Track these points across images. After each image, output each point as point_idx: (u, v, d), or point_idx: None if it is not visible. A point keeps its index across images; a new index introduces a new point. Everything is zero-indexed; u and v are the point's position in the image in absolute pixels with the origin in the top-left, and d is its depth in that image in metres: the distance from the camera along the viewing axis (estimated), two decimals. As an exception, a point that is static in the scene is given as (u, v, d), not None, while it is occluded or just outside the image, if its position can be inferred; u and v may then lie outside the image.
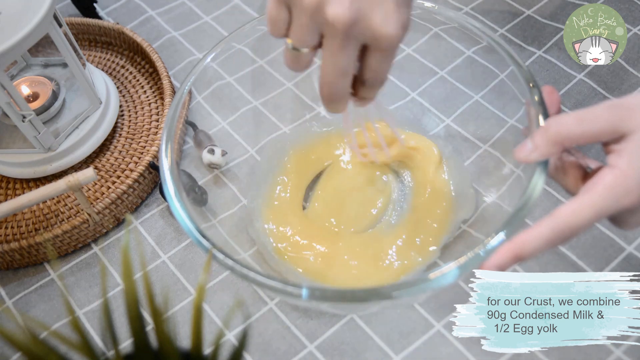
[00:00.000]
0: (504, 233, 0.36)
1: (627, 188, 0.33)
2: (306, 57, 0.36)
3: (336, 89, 0.36)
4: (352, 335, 0.47)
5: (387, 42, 0.33)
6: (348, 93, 0.37)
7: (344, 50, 0.33)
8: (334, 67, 0.34)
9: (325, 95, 0.37)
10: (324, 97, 0.37)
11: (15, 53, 0.48)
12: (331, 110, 0.38)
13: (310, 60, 0.36)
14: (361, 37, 0.33)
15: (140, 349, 0.28)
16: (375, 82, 0.37)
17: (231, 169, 0.55)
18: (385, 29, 0.33)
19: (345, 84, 0.36)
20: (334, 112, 0.39)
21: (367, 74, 0.36)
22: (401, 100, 0.58)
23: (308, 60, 0.36)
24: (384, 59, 0.35)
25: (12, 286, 0.54)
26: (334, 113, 0.39)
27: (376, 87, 0.38)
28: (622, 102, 0.35)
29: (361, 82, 0.37)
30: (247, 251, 0.49)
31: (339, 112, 0.39)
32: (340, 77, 0.35)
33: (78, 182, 0.49)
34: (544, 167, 0.38)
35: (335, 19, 0.32)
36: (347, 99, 0.38)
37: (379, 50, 0.34)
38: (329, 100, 0.37)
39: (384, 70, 0.36)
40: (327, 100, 0.37)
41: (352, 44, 0.33)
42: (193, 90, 0.56)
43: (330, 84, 0.35)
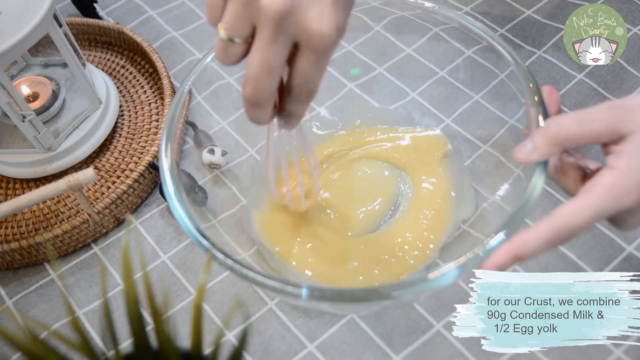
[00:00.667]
0: (504, 233, 0.36)
1: (626, 189, 0.33)
2: (236, 49, 0.33)
3: (260, 87, 0.33)
4: (352, 335, 0.47)
5: (319, 40, 0.31)
6: (272, 97, 0.34)
7: (273, 44, 0.31)
8: (261, 61, 0.32)
9: (247, 94, 0.33)
10: (246, 95, 0.34)
11: (15, 53, 0.48)
12: (253, 117, 0.35)
13: (240, 53, 0.33)
14: (293, 32, 0.31)
15: (140, 349, 0.28)
16: (303, 90, 0.34)
17: (231, 169, 0.55)
18: (320, 26, 0.31)
19: (271, 83, 0.33)
20: (255, 120, 0.36)
21: (295, 78, 0.34)
22: (401, 100, 0.58)
23: (238, 53, 0.33)
24: (315, 63, 0.33)
25: (12, 286, 0.54)
26: (256, 122, 0.36)
27: (303, 99, 0.35)
28: (622, 103, 0.35)
29: (288, 90, 0.35)
30: (247, 251, 0.49)
31: (261, 122, 0.36)
32: (265, 74, 0.32)
33: (78, 182, 0.49)
34: (544, 167, 0.38)
35: (268, 6, 0.30)
36: (270, 105, 0.35)
37: (310, 49, 0.32)
38: (252, 100, 0.34)
39: (313, 76, 0.34)
40: (249, 100, 0.34)
41: (282, 39, 0.31)
42: (193, 90, 0.56)
43: (255, 80, 0.32)
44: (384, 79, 0.60)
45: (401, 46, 0.61)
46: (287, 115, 0.37)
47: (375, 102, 0.59)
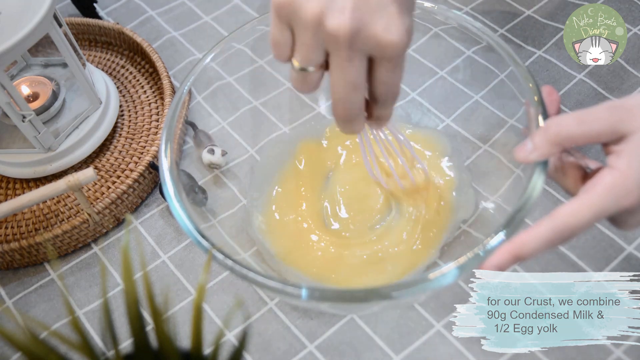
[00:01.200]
0: (504, 233, 0.36)
1: (626, 189, 0.33)
2: (314, 77, 0.35)
3: (350, 105, 0.35)
4: (352, 335, 0.47)
5: (392, 49, 0.32)
6: (362, 110, 0.36)
7: (351, 63, 0.33)
8: (344, 82, 0.33)
9: (339, 114, 0.35)
10: (338, 116, 0.35)
11: (15, 53, 0.48)
12: (347, 131, 0.37)
13: (318, 80, 0.35)
14: (366, 47, 0.32)
15: (140, 349, 0.28)
16: (388, 96, 0.36)
17: (231, 169, 0.55)
18: (389, 35, 0.32)
19: (358, 98, 0.35)
20: (350, 133, 0.38)
21: (378, 88, 0.35)
22: (401, 100, 0.58)
23: (316, 80, 0.35)
24: (393, 69, 0.34)
25: (12, 286, 0.54)
26: (351, 134, 0.38)
27: (390, 103, 0.37)
28: (622, 103, 0.35)
29: (373, 99, 0.36)
30: (247, 251, 0.49)
31: (355, 133, 0.38)
32: (352, 92, 0.34)
33: (78, 182, 0.49)
34: (544, 167, 0.38)
35: (337, 30, 0.31)
36: (362, 117, 0.37)
37: (386, 59, 0.33)
38: (345, 118, 0.35)
39: (394, 81, 0.35)
40: (342, 118, 0.36)
41: (358, 55, 0.33)
42: (193, 90, 0.56)
43: (343, 100, 0.34)
44: (384, 79, 0.60)
45: (401, 46, 0.61)
46: (377, 119, 0.39)
47: (375, 102, 0.59)
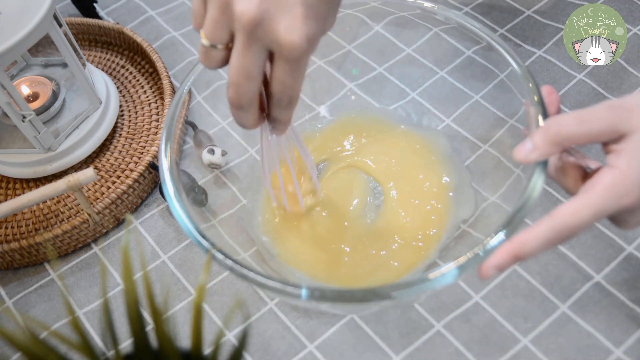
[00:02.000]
0: (504, 233, 0.36)
1: (626, 188, 0.33)
2: (218, 54, 0.35)
3: (241, 93, 0.35)
4: (352, 335, 0.47)
5: (289, 50, 0.32)
6: (254, 102, 0.36)
7: (249, 50, 0.33)
8: (239, 67, 0.34)
9: (230, 98, 0.35)
10: (229, 99, 0.35)
11: (15, 53, 0.48)
12: (238, 120, 0.37)
13: (222, 58, 0.35)
14: (265, 40, 0.33)
15: (140, 349, 0.28)
16: (282, 97, 0.36)
17: (231, 169, 0.55)
18: (289, 36, 0.32)
19: (250, 88, 0.34)
20: (242, 124, 0.37)
21: (274, 86, 0.35)
22: (401, 100, 0.58)
23: (220, 57, 0.35)
24: (290, 71, 0.34)
25: (12, 286, 0.54)
26: (243, 126, 0.38)
27: (285, 105, 0.36)
28: (622, 103, 0.35)
29: (269, 96, 0.36)
30: (247, 251, 0.49)
31: (246, 126, 0.38)
32: (244, 80, 0.34)
33: (78, 182, 0.49)
34: (544, 167, 0.38)
35: (241, 14, 0.32)
36: (254, 109, 0.36)
37: (283, 58, 0.33)
38: (234, 104, 0.36)
39: (291, 84, 0.35)
40: (232, 104, 0.36)
41: (257, 46, 0.33)
42: (193, 90, 0.56)
43: (236, 85, 0.34)
44: (384, 79, 0.60)
45: (401, 46, 0.61)
46: (273, 121, 0.38)
47: (375, 102, 0.59)
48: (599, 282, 0.47)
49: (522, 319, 0.46)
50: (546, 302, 0.47)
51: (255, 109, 0.37)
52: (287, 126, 0.39)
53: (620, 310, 0.46)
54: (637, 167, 0.34)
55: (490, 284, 0.48)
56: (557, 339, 0.45)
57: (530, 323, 0.46)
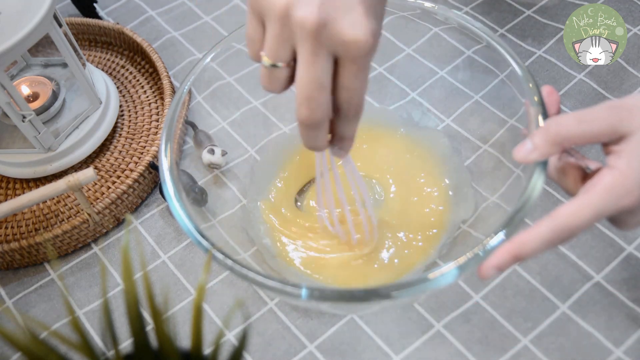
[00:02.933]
0: (504, 233, 0.36)
1: (626, 189, 0.33)
2: (281, 74, 0.34)
3: (315, 106, 0.33)
4: (352, 335, 0.47)
5: (356, 48, 0.32)
6: (327, 115, 0.34)
7: (316, 58, 0.32)
8: (309, 78, 0.33)
9: (303, 115, 0.34)
10: (302, 117, 0.34)
11: (15, 53, 0.48)
12: (312, 143, 0.36)
13: (285, 78, 0.34)
14: (331, 43, 0.32)
15: (140, 349, 0.28)
16: (351, 105, 0.35)
17: (231, 169, 0.55)
18: (354, 33, 0.32)
19: (324, 99, 0.33)
20: (314, 146, 0.36)
21: (341, 94, 0.34)
22: (401, 100, 0.58)
23: (283, 78, 0.34)
24: (356, 73, 0.33)
25: (12, 286, 0.54)
26: (315, 148, 0.36)
27: (352, 115, 0.35)
28: (622, 103, 0.35)
29: (336, 110, 0.35)
30: (247, 251, 0.49)
31: (319, 147, 0.36)
32: (317, 90, 0.33)
33: (78, 182, 0.49)
34: (544, 167, 0.38)
35: (303, 20, 0.31)
36: (327, 125, 0.35)
37: (350, 59, 0.33)
38: (309, 121, 0.34)
39: (357, 88, 0.34)
40: (306, 121, 0.34)
41: (323, 51, 0.32)
42: (193, 90, 0.56)
43: (308, 99, 0.33)
44: (384, 79, 0.60)
45: (401, 46, 0.61)
46: (339, 139, 0.37)
47: (375, 102, 0.59)
48: (599, 282, 0.47)
49: (522, 319, 0.46)
50: (546, 302, 0.47)
51: (327, 125, 0.35)
52: (352, 144, 0.38)
53: (620, 310, 0.46)
54: (637, 168, 0.34)
55: (490, 284, 0.48)
56: (557, 339, 0.45)
57: (530, 323, 0.46)
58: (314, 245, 0.50)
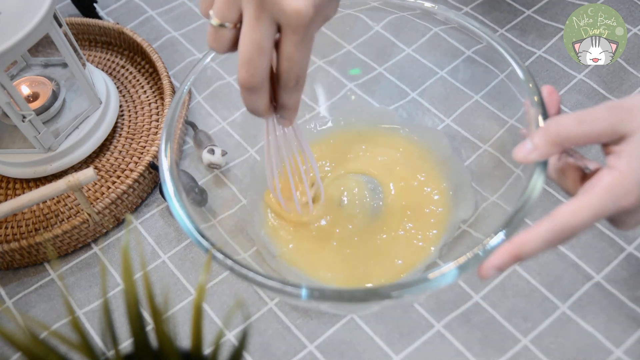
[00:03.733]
0: (504, 233, 0.36)
1: (626, 189, 0.33)
2: (226, 34, 0.35)
3: (254, 69, 0.34)
4: (352, 335, 0.47)
5: (297, 17, 0.33)
6: (266, 80, 0.35)
7: (258, 22, 0.33)
8: (250, 41, 0.34)
9: (243, 78, 0.35)
10: (241, 80, 0.35)
11: (15, 53, 0.48)
12: (251, 105, 0.37)
13: (230, 39, 0.35)
14: (274, 11, 0.33)
15: (140, 349, 0.28)
16: (290, 75, 0.36)
17: (231, 169, 0.55)
18: (295, 3, 0.33)
19: (263, 63, 0.34)
20: (254, 109, 0.37)
21: (282, 63, 0.35)
22: (401, 100, 0.58)
23: (228, 38, 0.35)
24: (297, 43, 0.34)
25: (12, 286, 0.54)
26: (255, 112, 0.38)
27: (293, 85, 0.36)
28: (622, 104, 0.35)
29: (278, 79, 0.36)
30: (247, 251, 0.49)
31: (259, 111, 0.37)
32: (257, 54, 0.34)
33: (78, 182, 0.49)
34: (543, 167, 0.38)
35: None
36: (266, 90, 0.36)
37: (290, 29, 0.34)
38: (248, 84, 0.35)
39: (298, 59, 0.35)
40: (246, 84, 0.35)
41: (266, 17, 0.33)
42: (193, 90, 0.56)
43: (248, 61, 0.34)
44: (384, 79, 0.60)
45: (401, 46, 0.61)
46: (282, 108, 0.38)
47: (375, 102, 0.59)
48: (599, 282, 0.47)
49: (522, 319, 0.46)
50: (546, 302, 0.47)
51: (267, 90, 0.37)
52: (295, 114, 0.39)
53: (620, 310, 0.46)
54: (637, 169, 0.34)
55: (490, 284, 0.48)
56: (557, 339, 0.45)
57: (530, 323, 0.46)
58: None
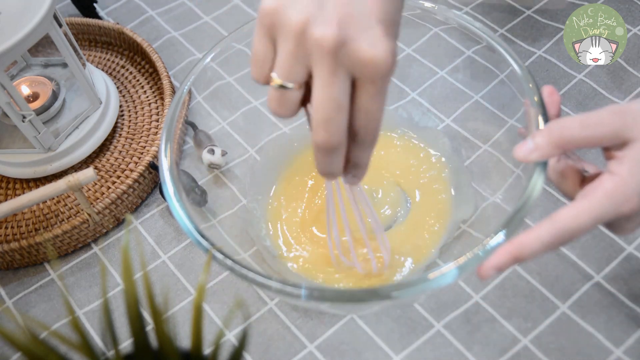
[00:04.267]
0: (504, 233, 0.36)
1: (626, 196, 0.33)
2: (293, 96, 0.32)
3: (333, 128, 0.31)
4: (352, 335, 0.47)
5: (375, 67, 0.31)
6: (345, 139, 0.33)
7: (335, 77, 0.31)
8: (328, 99, 0.31)
9: (321, 138, 0.32)
10: (320, 142, 0.32)
11: (15, 53, 0.48)
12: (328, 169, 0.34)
13: (296, 101, 0.33)
14: (350, 62, 0.31)
15: (140, 349, 0.28)
16: (368, 129, 0.33)
17: (231, 169, 0.55)
18: (374, 53, 0.30)
19: (342, 121, 0.32)
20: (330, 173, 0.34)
21: (358, 118, 0.32)
22: (401, 100, 0.58)
23: (294, 100, 0.32)
24: (376, 94, 0.32)
25: (12, 286, 0.54)
26: (330, 176, 0.35)
27: (369, 140, 0.34)
28: (627, 108, 0.35)
29: (352, 136, 0.33)
30: (247, 251, 0.49)
31: (335, 173, 0.35)
32: (335, 111, 0.31)
33: (78, 182, 0.49)
34: (544, 167, 0.38)
35: (322, 38, 0.30)
36: (344, 149, 0.33)
37: (368, 80, 0.31)
38: (326, 145, 0.32)
39: (376, 111, 0.32)
40: (324, 145, 0.32)
41: (341, 71, 0.31)
42: (193, 90, 0.56)
43: (326, 121, 0.31)
44: (384, 79, 0.60)
45: (401, 46, 0.61)
46: (354, 166, 0.36)
47: (375, 102, 0.59)
48: (599, 282, 0.47)
49: (522, 319, 0.46)
50: (546, 302, 0.47)
51: (344, 150, 0.34)
52: (365, 171, 0.36)
53: (620, 310, 0.46)
54: (638, 175, 0.33)
55: (490, 284, 0.48)
56: (557, 339, 0.45)
57: (530, 323, 0.46)
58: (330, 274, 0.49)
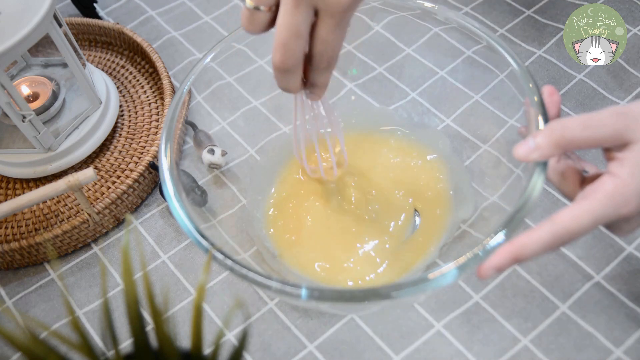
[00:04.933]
0: (504, 233, 0.36)
1: (626, 197, 0.33)
2: (262, 17, 0.36)
3: (289, 53, 0.35)
4: (352, 335, 0.47)
5: (335, 4, 0.34)
6: (300, 63, 0.37)
7: (297, 8, 0.34)
8: (288, 25, 0.35)
9: (277, 60, 0.36)
10: (276, 62, 0.36)
11: (15, 53, 0.48)
12: (284, 85, 0.38)
13: (266, 21, 0.36)
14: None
15: (140, 349, 0.28)
16: (323, 57, 0.37)
17: (231, 169, 0.55)
18: None
19: (298, 47, 0.36)
20: (286, 88, 0.39)
21: (316, 46, 0.36)
22: (401, 100, 0.58)
23: (263, 20, 0.36)
24: (334, 28, 0.35)
25: (12, 286, 0.54)
26: (287, 90, 0.39)
27: (324, 66, 0.38)
28: (629, 110, 0.35)
29: (310, 59, 0.37)
30: (247, 251, 0.49)
31: (291, 90, 0.39)
32: (293, 38, 0.35)
33: (78, 182, 0.49)
34: (544, 167, 0.38)
35: None
36: (300, 71, 0.38)
37: (328, 13, 0.35)
38: (282, 66, 0.36)
39: (332, 42, 0.36)
40: (279, 66, 0.36)
41: (304, 2, 0.34)
42: (193, 90, 0.56)
43: (283, 45, 0.35)
44: (384, 79, 0.60)
45: (401, 46, 0.61)
46: (312, 86, 0.40)
47: (375, 102, 0.59)
48: (599, 282, 0.47)
49: (522, 319, 0.46)
50: (546, 302, 0.47)
51: (301, 71, 0.38)
52: (324, 90, 0.41)
53: (620, 310, 0.46)
54: (639, 178, 0.33)
55: (490, 284, 0.48)
56: (557, 339, 0.45)
57: (530, 323, 0.46)
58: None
